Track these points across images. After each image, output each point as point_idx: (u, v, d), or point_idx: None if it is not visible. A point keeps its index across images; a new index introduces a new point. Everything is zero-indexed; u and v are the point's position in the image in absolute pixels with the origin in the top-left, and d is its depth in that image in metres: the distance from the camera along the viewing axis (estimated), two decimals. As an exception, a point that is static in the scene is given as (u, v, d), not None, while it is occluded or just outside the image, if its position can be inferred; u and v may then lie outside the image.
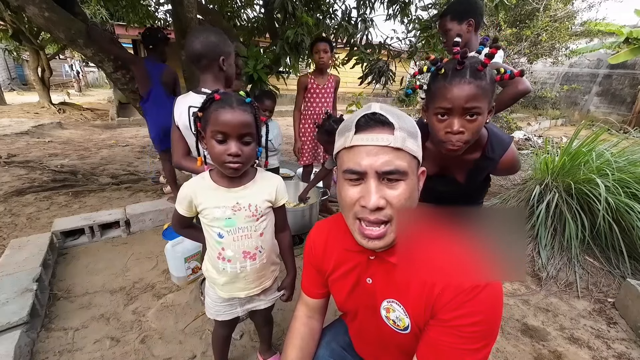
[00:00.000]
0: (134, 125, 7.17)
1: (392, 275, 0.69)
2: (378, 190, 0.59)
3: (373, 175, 0.59)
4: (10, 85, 13.87)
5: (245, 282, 1.03)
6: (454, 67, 0.79)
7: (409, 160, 0.60)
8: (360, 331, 0.84)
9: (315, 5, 2.76)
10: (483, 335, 0.59)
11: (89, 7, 5.41)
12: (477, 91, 0.77)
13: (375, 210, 0.59)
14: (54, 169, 3.73)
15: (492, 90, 0.82)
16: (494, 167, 1.00)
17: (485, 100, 0.79)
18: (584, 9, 7.89)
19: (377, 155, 0.58)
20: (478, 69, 0.78)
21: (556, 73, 11.02)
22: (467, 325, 0.59)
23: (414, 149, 0.61)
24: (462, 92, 0.77)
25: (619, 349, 1.55)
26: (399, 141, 0.59)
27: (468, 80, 0.77)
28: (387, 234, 0.62)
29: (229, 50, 1.24)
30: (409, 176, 0.60)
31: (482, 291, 0.58)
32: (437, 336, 0.62)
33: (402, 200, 0.59)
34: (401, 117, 0.62)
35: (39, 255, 1.82)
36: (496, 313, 0.60)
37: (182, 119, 1.22)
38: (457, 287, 0.59)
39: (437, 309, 0.62)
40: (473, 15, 1.48)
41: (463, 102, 0.78)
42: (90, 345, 1.44)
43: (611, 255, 2.09)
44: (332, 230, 0.82)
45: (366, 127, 0.60)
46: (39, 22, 1.81)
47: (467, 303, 0.58)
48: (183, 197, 0.95)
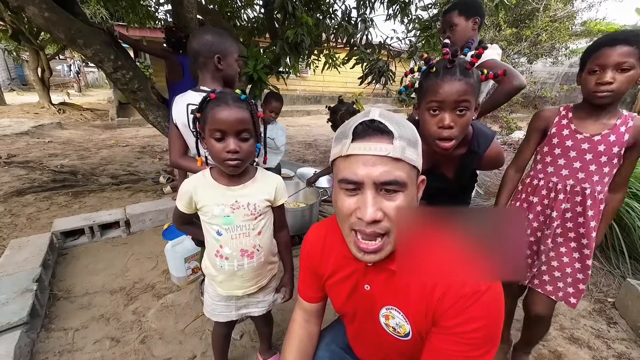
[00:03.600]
0: (134, 125, 7.17)
1: (390, 282, 0.68)
2: (375, 202, 0.56)
3: (370, 186, 0.56)
4: (10, 85, 13.88)
5: (242, 280, 1.03)
6: (445, 66, 0.86)
7: (408, 171, 0.58)
8: (358, 334, 0.83)
9: (315, 5, 2.76)
10: (486, 341, 0.58)
11: (89, 7, 5.41)
12: (466, 87, 0.84)
13: (372, 222, 0.57)
14: (54, 169, 3.74)
15: (479, 88, 0.89)
16: (479, 161, 1.06)
17: (473, 96, 0.86)
18: (584, 9, 7.89)
19: (374, 166, 0.55)
20: (467, 67, 0.85)
21: (556, 73, 11.01)
22: (469, 332, 0.57)
23: (414, 158, 0.58)
24: (452, 88, 0.84)
25: (619, 349, 1.55)
26: (398, 151, 0.56)
27: (458, 77, 0.83)
28: (384, 247, 0.60)
29: (228, 50, 1.24)
30: (407, 187, 0.58)
31: (483, 295, 0.57)
32: (441, 344, 0.61)
33: (400, 211, 0.57)
34: (401, 124, 0.59)
35: (39, 256, 1.82)
36: (498, 317, 0.59)
37: (180, 117, 1.23)
38: (458, 291, 0.58)
39: (439, 315, 0.60)
40: (479, 14, 1.50)
41: (454, 97, 0.84)
42: (90, 346, 1.44)
43: (611, 255, 2.10)
44: (329, 234, 0.80)
45: (364, 135, 0.57)
46: (39, 22, 1.80)
47: (468, 308, 0.57)
48: (184, 193, 0.96)
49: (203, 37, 1.21)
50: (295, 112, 10.35)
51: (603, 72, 0.94)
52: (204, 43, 1.20)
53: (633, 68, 0.93)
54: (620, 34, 0.94)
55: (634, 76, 0.94)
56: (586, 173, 1.07)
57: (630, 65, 0.92)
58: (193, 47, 1.21)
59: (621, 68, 0.93)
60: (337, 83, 11.87)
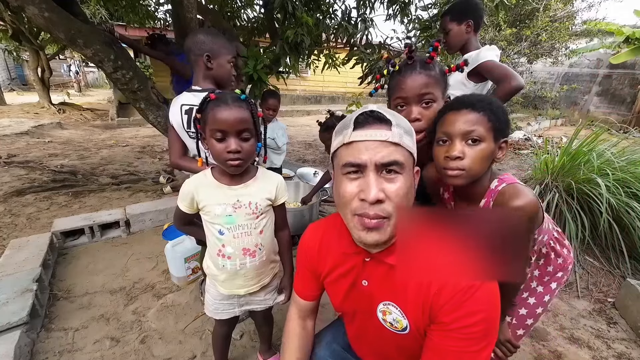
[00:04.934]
0: (134, 125, 7.17)
1: (388, 277, 0.69)
2: (378, 184, 0.59)
3: (372, 168, 0.59)
4: (10, 85, 13.87)
5: (245, 279, 1.03)
6: (405, 62, 0.89)
7: (406, 156, 0.62)
8: (359, 333, 0.84)
9: (315, 5, 2.76)
10: (484, 334, 0.59)
11: (89, 7, 5.41)
12: (428, 80, 0.85)
13: (375, 203, 0.59)
14: (54, 169, 3.74)
15: (444, 81, 0.90)
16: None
17: (437, 88, 0.87)
18: (584, 9, 7.90)
19: (376, 149, 0.59)
20: (426, 61, 0.87)
21: (556, 73, 11.02)
22: (468, 326, 0.58)
23: (410, 145, 0.63)
24: (414, 82, 0.86)
25: (619, 349, 1.55)
26: (397, 136, 0.60)
27: (419, 71, 0.86)
28: (385, 227, 0.61)
29: (219, 50, 1.24)
30: (406, 170, 0.61)
31: (478, 289, 0.58)
32: (440, 341, 0.61)
33: (400, 195, 0.60)
34: (397, 116, 0.64)
35: (39, 256, 1.82)
36: (495, 310, 0.60)
37: (175, 118, 1.23)
38: (454, 286, 0.59)
39: (436, 310, 0.61)
40: (472, 16, 1.51)
41: (417, 90, 0.86)
42: (90, 346, 1.44)
43: (611, 255, 2.10)
44: (326, 232, 0.81)
45: (364, 123, 0.61)
46: (39, 22, 1.80)
47: (465, 302, 0.58)
48: (185, 193, 0.96)
49: (196, 36, 1.24)
50: (295, 112, 10.34)
51: (451, 142, 0.77)
52: (196, 41, 1.22)
53: (483, 140, 0.75)
54: (467, 97, 0.80)
55: (486, 151, 0.75)
56: None
57: (480, 136, 0.74)
58: (186, 45, 1.24)
59: (470, 139, 0.75)
60: (337, 83, 11.87)
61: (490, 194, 0.81)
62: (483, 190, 0.83)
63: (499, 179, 0.81)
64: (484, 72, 1.44)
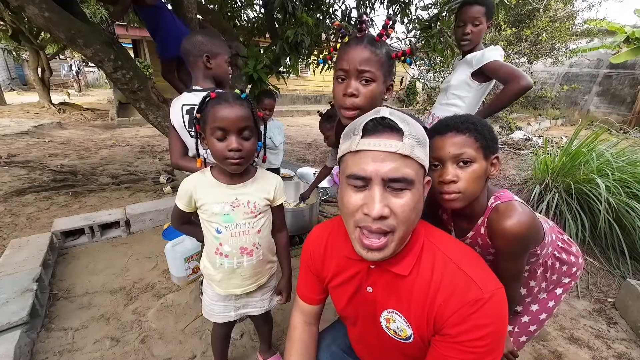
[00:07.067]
0: (134, 125, 7.17)
1: (393, 285, 0.67)
2: (382, 199, 0.56)
3: (378, 182, 0.56)
4: (10, 85, 13.87)
5: (242, 278, 1.03)
6: (355, 36, 0.86)
7: (416, 169, 0.58)
8: (361, 337, 0.83)
9: (315, 5, 2.76)
10: (492, 348, 0.57)
11: (89, 7, 5.42)
12: (370, 56, 0.81)
13: (378, 219, 0.56)
14: (54, 169, 3.74)
15: (389, 64, 0.86)
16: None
17: (379, 68, 0.83)
18: (584, 9, 7.89)
19: (383, 162, 0.56)
20: (375, 39, 0.84)
21: (556, 73, 11.02)
22: (474, 340, 0.56)
23: (422, 157, 0.59)
24: (357, 55, 0.82)
25: (619, 349, 1.55)
26: (408, 148, 0.56)
27: (364, 46, 0.82)
28: (388, 245, 0.59)
29: (217, 50, 1.26)
30: (415, 185, 0.57)
31: (487, 302, 0.56)
32: (445, 352, 0.60)
33: (406, 211, 0.57)
34: (410, 123, 0.59)
35: (39, 256, 1.82)
36: (503, 323, 0.58)
37: (176, 118, 1.24)
38: (461, 298, 0.57)
39: (441, 322, 0.60)
40: (492, 17, 1.51)
41: (356, 64, 0.82)
42: (90, 345, 1.44)
43: (611, 255, 2.10)
44: (331, 236, 0.80)
45: (374, 131, 0.57)
46: (39, 22, 1.80)
47: (472, 315, 0.56)
48: (184, 192, 0.96)
49: (193, 37, 1.25)
50: (295, 112, 10.35)
51: (443, 167, 0.77)
52: (194, 43, 1.23)
53: (474, 161, 0.75)
54: (449, 119, 0.79)
55: (479, 171, 0.75)
56: None
57: (470, 157, 0.74)
58: (184, 47, 1.24)
59: (461, 161, 0.75)
60: (337, 83, 11.83)
61: (488, 211, 0.80)
62: (482, 209, 0.82)
63: (495, 196, 0.81)
64: (489, 73, 1.44)
